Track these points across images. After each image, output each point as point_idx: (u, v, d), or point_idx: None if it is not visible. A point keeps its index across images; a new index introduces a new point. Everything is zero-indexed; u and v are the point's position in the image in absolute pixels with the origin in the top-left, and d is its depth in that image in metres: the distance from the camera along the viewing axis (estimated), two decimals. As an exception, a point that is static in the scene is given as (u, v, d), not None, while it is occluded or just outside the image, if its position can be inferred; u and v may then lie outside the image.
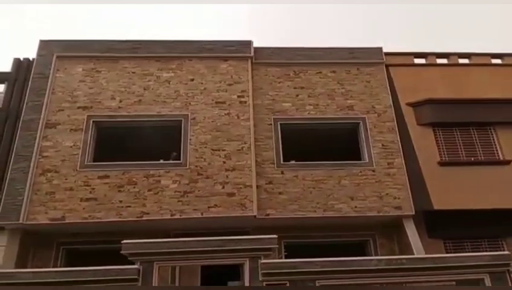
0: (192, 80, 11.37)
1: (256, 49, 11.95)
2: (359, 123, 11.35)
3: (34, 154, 9.99)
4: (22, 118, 10.46)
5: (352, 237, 10.83)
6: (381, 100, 11.65)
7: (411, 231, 10.10)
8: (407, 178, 10.61)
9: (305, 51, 12.22)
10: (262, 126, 11.04)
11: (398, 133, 11.19)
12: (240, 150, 10.51)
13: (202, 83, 11.33)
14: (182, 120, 10.79)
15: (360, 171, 10.66)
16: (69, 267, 8.58)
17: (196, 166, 10.30)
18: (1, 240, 9.57)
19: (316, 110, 11.39)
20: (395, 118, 11.41)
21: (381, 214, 10.21)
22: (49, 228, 9.77)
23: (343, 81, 11.86)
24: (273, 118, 11.16)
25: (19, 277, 6.89)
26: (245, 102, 11.14)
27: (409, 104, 11.57)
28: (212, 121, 10.82)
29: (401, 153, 10.93)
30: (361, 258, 7.45)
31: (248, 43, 11.93)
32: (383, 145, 11.02)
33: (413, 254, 9.44)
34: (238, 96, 11.21)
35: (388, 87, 11.85)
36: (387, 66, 12.25)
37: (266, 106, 11.35)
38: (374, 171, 10.68)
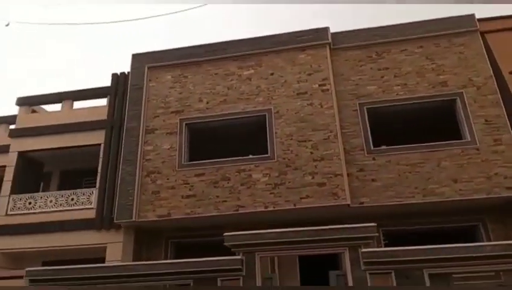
0: (272, 74, 11.49)
1: (332, 35, 11.65)
2: (456, 99, 10.44)
3: (138, 158, 11.03)
4: (125, 126, 11.59)
5: (459, 222, 10.04)
6: (480, 71, 10.57)
7: (528, 213, 9.04)
8: (518, 155, 9.50)
9: (385, 29, 11.57)
10: (348, 112, 10.75)
11: (503, 106, 10.05)
12: (326, 139, 10.38)
13: (282, 76, 11.40)
14: (265, 115, 11.00)
15: (462, 151, 9.81)
16: (177, 259, 9.31)
17: (284, 158, 10.43)
18: (118, 237, 10.80)
19: (405, 90, 10.75)
20: (497, 90, 10.26)
21: (490, 196, 9.29)
22: (157, 224, 10.74)
23: (432, 56, 11.00)
24: (359, 103, 10.80)
25: (137, 269, 7.67)
26: (327, 90, 10.95)
27: (512, 73, 10.31)
28: (295, 113, 10.84)
29: (509, 128, 9.80)
30: (474, 245, 6.86)
31: (324, 30, 11.68)
32: (486, 120, 10.00)
33: (534, 239, 8.44)
34: (320, 85, 11.06)
35: (486, 56, 10.70)
36: (482, 33, 11.06)
37: (349, 91, 11.02)
38: (478, 149, 9.75)
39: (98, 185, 11.45)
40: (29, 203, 11.69)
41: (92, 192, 11.47)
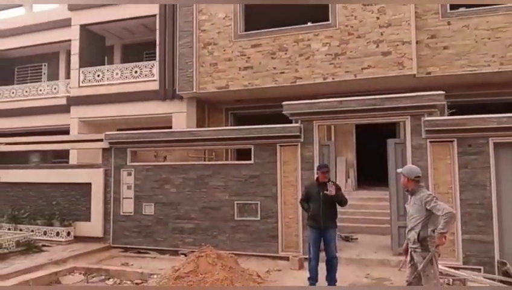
0: None
1: None
2: None
3: (194, 29, 10.85)
4: (179, -5, 11.16)
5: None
6: None
7: None
8: None
9: None
10: (424, -31, 9.33)
11: None
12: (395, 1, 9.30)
13: None
14: (328, -25, 9.89)
15: (558, 11, 8.41)
16: (237, 127, 9.79)
17: (346, 25, 9.69)
18: (182, 107, 11.41)
19: None
20: None
21: None
22: (217, 95, 11.08)
23: None
24: (439, -44, 9.24)
25: (202, 135, 8.23)
26: None
27: None
28: (362, -29, 9.62)
29: None
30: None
31: None
32: None
33: None
34: None
35: None
36: None
37: None
38: None
39: (158, 57, 11.69)
40: (98, 75, 12.41)
41: (153, 64, 11.81)
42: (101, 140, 8.73)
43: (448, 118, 7.03)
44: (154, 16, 11.78)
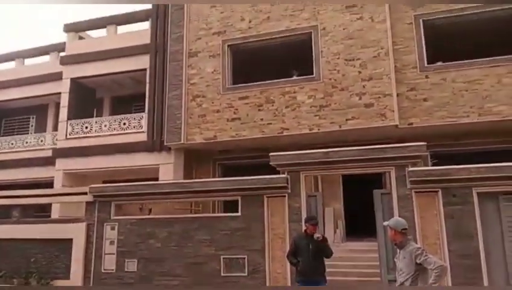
0: (318, -14, 10.64)
1: None
2: (525, 7, 9.21)
3: (183, 82, 11.13)
4: (168, 50, 11.56)
5: (513, 143, 9.50)
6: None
7: None
8: None
9: None
10: (401, 27, 9.90)
11: None
12: (376, 56, 9.77)
13: (329, -12, 10.52)
14: (311, 32, 10.42)
15: (527, 66, 8.90)
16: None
17: (330, 79, 10.06)
18: (169, 158, 11.40)
19: (463, -4, 9.57)
20: None
21: (555, 115, 8.56)
22: (205, 146, 11.15)
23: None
24: (414, 15, 9.85)
25: (190, 186, 8.17)
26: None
27: None
28: (343, 29, 10.17)
29: None
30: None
31: None
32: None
33: None
34: (370, -3, 10.13)
35: None
36: None
37: (404, 2, 10.03)
38: (547, 64, 8.79)
39: (147, 109, 11.86)
40: (86, 127, 12.45)
41: (142, 116, 11.94)
42: (85, 193, 8.57)
43: (431, 169, 7.15)
44: (145, 70, 12.10)
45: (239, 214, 7.54)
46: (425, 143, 6.83)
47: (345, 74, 9.94)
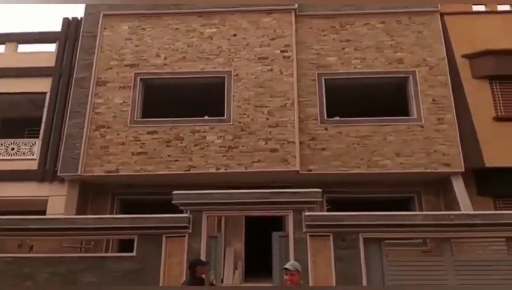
0: (235, 35, 11.23)
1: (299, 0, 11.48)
2: (408, 77, 10.82)
3: (87, 110, 10.53)
4: (74, 76, 10.95)
5: (397, 193, 10.72)
6: (434, 52, 10.96)
7: (459, 188, 9.79)
8: (458, 134, 10.15)
9: (351, 0, 11.57)
10: (306, 82, 10.84)
11: (450, 88, 10.58)
12: (283, 106, 10.46)
13: (245, 38, 11.17)
14: (225, 76, 10.82)
15: (408, 127, 10.31)
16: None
17: (240, 122, 10.43)
18: (62, 190, 10.43)
19: (363, 64, 10.96)
20: (448, 71, 10.75)
21: (428, 170, 9.94)
22: (104, 179, 10.47)
23: (392, 33, 11.22)
24: (317, 73, 10.89)
25: (80, 223, 7.52)
26: (288, 57, 10.92)
27: (464, 56, 10.81)
28: (255, 77, 10.76)
29: (453, 109, 10.39)
30: (407, 213, 7.40)
31: (291, -6, 11.46)
32: (433, 100, 10.50)
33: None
34: (282, 51, 10.99)
35: (442, 38, 11.08)
36: (442, 14, 11.38)
37: (310, 60, 11.06)
38: (422, 127, 10.29)
39: (41, 135, 10.86)
40: (-35, 149, 10.89)
41: (35, 142, 10.88)
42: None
43: (324, 214, 7.68)
44: (45, 93, 11.21)
45: (134, 254, 7.11)
46: (320, 190, 7.34)
47: (254, 119, 10.40)
